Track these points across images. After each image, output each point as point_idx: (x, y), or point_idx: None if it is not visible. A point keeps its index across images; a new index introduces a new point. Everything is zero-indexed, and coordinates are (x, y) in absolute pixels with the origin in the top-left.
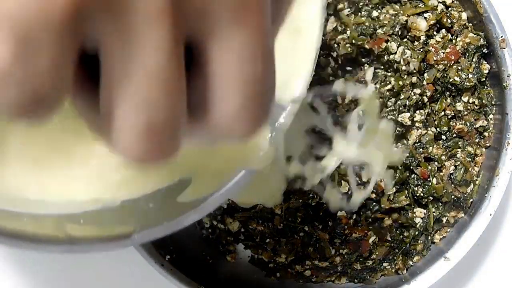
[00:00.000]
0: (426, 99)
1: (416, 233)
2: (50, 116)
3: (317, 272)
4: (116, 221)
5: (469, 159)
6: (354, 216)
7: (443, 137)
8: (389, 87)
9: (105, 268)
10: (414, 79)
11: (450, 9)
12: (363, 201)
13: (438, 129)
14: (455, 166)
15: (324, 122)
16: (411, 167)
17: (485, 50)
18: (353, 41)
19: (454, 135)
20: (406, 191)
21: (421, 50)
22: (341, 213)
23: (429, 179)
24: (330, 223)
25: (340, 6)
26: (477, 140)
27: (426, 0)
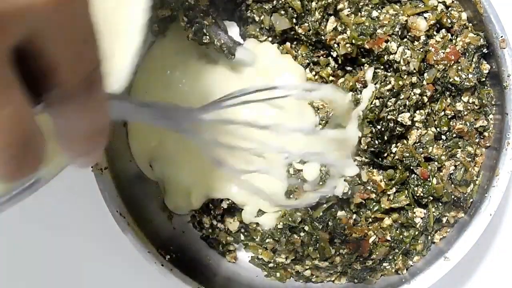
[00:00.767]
0: (426, 99)
1: (416, 233)
2: None
3: (317, 272)
4: None
5: (469, 159)
6: (354, 216)
7: (443, 137)
8: (389, 87)
9: (106, 268)
10: (414, 79)
11: (450, 9)
12: (363, 202)
13: (438, 129)
14: (455, 166)
15: None
16: (411, 167)
17: (485, 50)
18: (353, 41)
19: (454, 135)
20: (406, 191)
21: (421, 50)
22: (341, 213)
23: (429, 179)
24: (330, 223)
25: (340, 6)
26: (477, 140)
27: (426, 0)
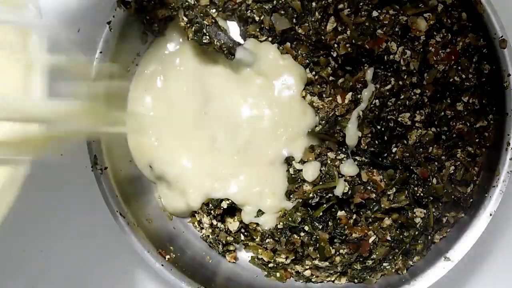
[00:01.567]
0: (426, 99)
1: (416, 233)
2: None
3: (317, 272)
4: None
5: (469, 159)
6: (354, 216)
7: (443, 137)
8: (389, 87)
9: (105, 268)
10: (414, 79)
11: (450, 9)
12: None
13: (438, 129)
14: (455, 166)
15: None
16: (411, 167)
17: (485, 50)
18: (353, 41)
19: (454, 135)
20: (406, 191)
21: (421, 50)
22: (341, 213)
23: (429, 179)
24: (330, 223)
25: (340, 6)
26: (477, 140)
27: (426, 0)
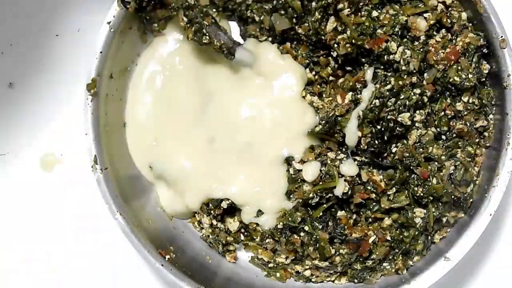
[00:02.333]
0: (426, 99)
1: (416, 233)
2: None
3: (317, 272)
4: None
5: (469, 159)
6: (354, 216)
7: (443, 137)
8: (389, 87)
9: (105, 267)
10: (414, 79)
11: (450, 9)
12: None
13: (438, 129)
14: (455, 166)
15: None
16: (411, 167)
17: (485, 50)
18: (353, 41)
19: (454, 135)
20: (406, 191)
21: (421, 50)
22: (341, 213)
23: (429, 179)
24: (330, 223)
25: (340, 6)
26: (477, 140)
27: (426, 0)
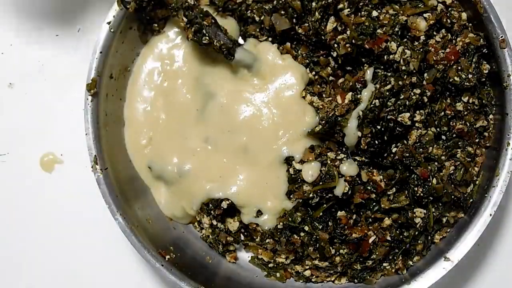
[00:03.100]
0: (426, 99)
1: (416, 233)
2: None
3: (317, 272)
4: None
5: (469, 159)
6: (354, 216)
7: (443, 137)
8: (389, 87)
9: (106, 268)
10: (414, 79)
11: (450, 9)
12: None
13: (438, 129)
14: (455, 166)
15: None
16: (411, 167)
17: (485, 50)
18: (353, 41)
19: (454, 135)
20: (406, 191)
21: (421, 50)
22: (341, 213)
23: (429, 179)
24: (330, 223)
25: (340, 6)
26: (477, 140)
27: (426, 0)
